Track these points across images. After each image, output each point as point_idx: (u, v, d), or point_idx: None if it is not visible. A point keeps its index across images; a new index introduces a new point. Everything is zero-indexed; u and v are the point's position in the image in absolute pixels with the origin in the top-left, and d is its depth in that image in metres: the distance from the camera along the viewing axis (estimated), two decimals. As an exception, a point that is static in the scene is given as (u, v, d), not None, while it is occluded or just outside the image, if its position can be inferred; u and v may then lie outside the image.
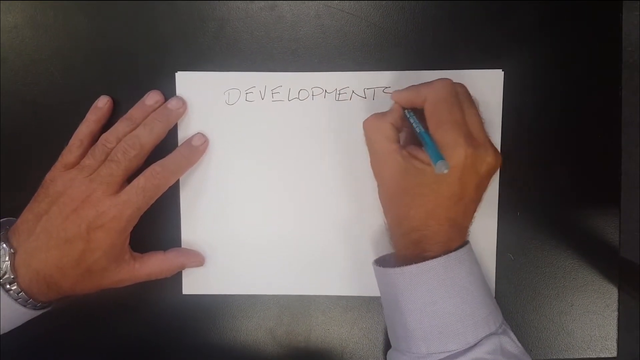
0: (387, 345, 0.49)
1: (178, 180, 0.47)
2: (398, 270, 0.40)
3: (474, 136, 0.40)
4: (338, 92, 0.47)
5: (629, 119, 0.94)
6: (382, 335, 0.49)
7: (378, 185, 0.45)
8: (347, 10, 0.47)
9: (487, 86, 0.46)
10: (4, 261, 0.41)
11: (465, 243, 0.42)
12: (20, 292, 0.41)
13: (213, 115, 0.47)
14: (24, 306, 0.42)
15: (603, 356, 0.49)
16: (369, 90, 0.47)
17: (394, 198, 0.42)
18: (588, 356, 0.49)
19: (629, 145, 1.01)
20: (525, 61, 0.47)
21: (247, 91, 0.47)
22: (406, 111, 0.43)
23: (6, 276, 0.41)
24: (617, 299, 0.49)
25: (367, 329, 0.49)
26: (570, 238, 0.49)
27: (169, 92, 0.47)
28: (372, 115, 0.43)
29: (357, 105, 0.47)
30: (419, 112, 0.42)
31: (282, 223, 0.48)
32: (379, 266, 0.43)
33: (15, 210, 0.44)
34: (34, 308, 0.43)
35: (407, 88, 0.43)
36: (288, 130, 0.47)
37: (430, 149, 0.38)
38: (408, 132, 0.45)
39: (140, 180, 0.43)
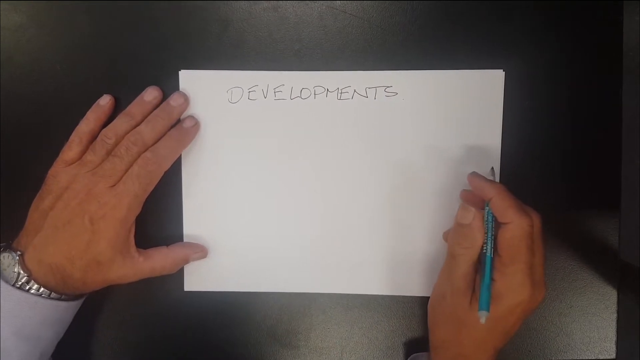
0: (387, 345, 0.49)
1: (180, 178, 0.48)
2: None
3: (535, 277, 0.41)
4: (340, 91, 0.47)
5: (631, 125, 0.94)
6: (382, 335, 0.49)
7: (436, 298, 0.45)
8: (349, 12, 0.47)
9: (487, 86, 0.47)
10: (13, 264, 0.42)
11: None
12: (40, 287, 0.42)
13: (215, 113, 0.47)
14: (49, 298, 0.42)
15: (602, 358, 0.49)
16: (370, 89, 0.47)
17: (450, 321, 0.43)
18: (587, 358, 0.49)
19: (631, 150, 1.01)
20: (526, 62, 0.47)
21: (249, 90, 0.47)
22: (488, 228, 0.42)
23: (22, 279, 0.42)
24: (616, 301, 0.49)
25: (367, 328, 0.49)
26: (570, 240, 0.49)
27: (172, 90, 0.47)
28: (461, 233, 0.43)
29: (359, 104, 0.47)
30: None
31: (283, 221, 0.48)
32: None
33: (21, 207, 0.45)
34: (61, 299, 0.43)
35: (491, 184, 0.42)
36: (290, 128, 0.48)
37: (484, 292, 0.40)
38: None
39: (134, 168, 0.43)
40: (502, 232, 0.40)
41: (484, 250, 0.41)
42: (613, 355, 0.49)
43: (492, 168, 0.45)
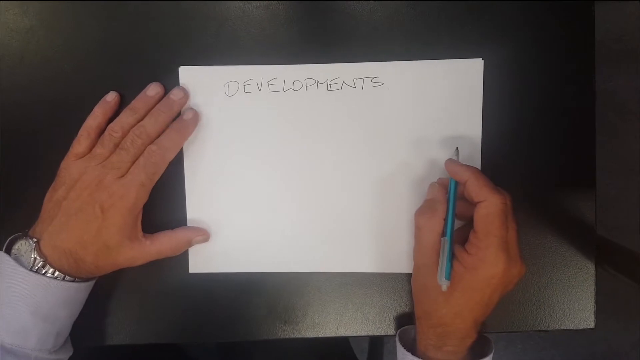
0: (379, 319, 0.52)
1: (183, 167, 0.50)
2: None
3: (510, 252, 0.43)
4: (329, 83, 0.50)
5: (630, 107, 0.95)
6: (374, 310, 0.52)
7: (414, 272, 0.48)
8: (335, 8, 0.50)
9: (467, 75, 0.49)
10: (30, 251, 0.44)
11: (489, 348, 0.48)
12: (55, 271, 0.45)
13: (214, 106, 0.50)
14: (63, 280, 0.45)
15: (582, 327, 0.52)
16: (358, 80, 0.50)
17: (427, 292, 0.47)
18: (568, 327, 0.52)
19: (629, 132, 1.01)
20: (504, 50, 0.49)
21: (245, 83, 0.50)
22: (450, 202, 0.46)
23: (38, 264, 0.44)
24: (594, 273, 0.51)
25: (360, 304, 0.52)
26: (549, 218, 0.51)
27: (173, 86, 0.50)
28: (425, 206, 0.47)
29: (348, 94, 0.50)
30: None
31: (279, 205, 0.51)
32: (404, 347, 0.49)
33: (35, 199, 0.47)
34: (74, 281, 0.46)
35: (466, 167, 0.45)
36: (283, 118, 0.50)
37: (446, 262, 0.44)
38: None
39: (140, 160, 0.46)
40: (477, 209, 0.43)
41: (445, 223, 0.45)
42: (592, 325, 0.52)
43: (457, 148, 0.47)
